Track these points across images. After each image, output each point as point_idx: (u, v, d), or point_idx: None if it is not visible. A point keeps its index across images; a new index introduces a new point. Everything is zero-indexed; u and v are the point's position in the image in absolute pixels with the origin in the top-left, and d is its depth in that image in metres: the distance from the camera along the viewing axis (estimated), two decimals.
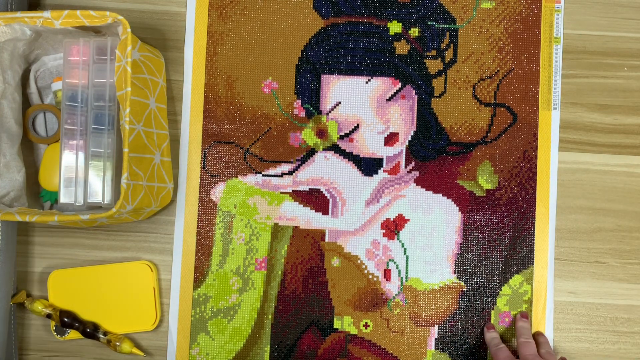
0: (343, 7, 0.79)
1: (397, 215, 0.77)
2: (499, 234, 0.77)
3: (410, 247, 0.77)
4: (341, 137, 0.78)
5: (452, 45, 0.79)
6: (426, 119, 0.78)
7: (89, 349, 0.77)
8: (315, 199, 0.77)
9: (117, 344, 0.74)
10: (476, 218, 0.77)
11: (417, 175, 0.78)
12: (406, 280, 0.77)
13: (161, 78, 0.75)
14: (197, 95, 0.78)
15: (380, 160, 0.78)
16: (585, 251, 0.77)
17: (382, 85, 0.78)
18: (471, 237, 0.77)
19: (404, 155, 0.78)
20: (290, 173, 0.78)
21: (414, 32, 0.79)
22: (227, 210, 0.77)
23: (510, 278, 0.77)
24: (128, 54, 0.65)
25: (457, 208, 0.77)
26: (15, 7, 0.73)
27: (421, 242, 0.77)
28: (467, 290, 0.77)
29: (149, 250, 0.78)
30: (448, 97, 0.78)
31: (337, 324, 0.77)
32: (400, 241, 0.77)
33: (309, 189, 0.78)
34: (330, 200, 0.77)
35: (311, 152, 0.78)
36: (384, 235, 0.77)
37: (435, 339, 0.76)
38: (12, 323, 0.75)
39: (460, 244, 0.77)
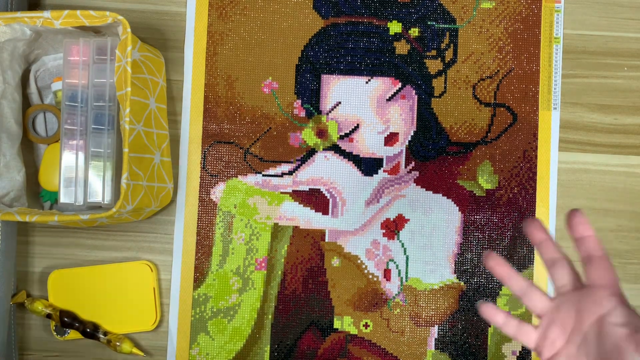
0: (343, 7, 0.79)
1: (397, 215, 0.77)
2: (499, 234, 0.77)
3: (410, 247, 0.77)
4: (341, 137, 0.78)
5: (452, 45, 0.79)
6: (426, 119, 0.78)
7: (89, 349, 0.77)
8: (315, 199, 0.77)
9: (117, 344, 0.74)
10: (476, 218, 0.77)
11: (417, 175, 0.78)
12: (406, 280, 0.77)
13: (161, 78, 0.75)
14: (197, 95, 0.78)
15: (380, 160, 0.78)
16: None
17: (382, 85, 0.78)
18: (471, 237, 0.77)
19: (404, 155, 0.78)
20: (290, 173, 0.78)
21: (414, 32, 0.79)
22: (227, 210, 0.77)
23: None
24: (128, 54, 0.65)
25: (457, 208, 0.77)
26: (15, 7, 0.73)
27: (421, 242, 0.77)
28: (467, 290, 0.77)
29: (149, 250, 0.78)
30: (448, 97, 0.78)
31: (337, 324, 0.77)
32: (400, 241, 0.77)
33: (309, 189, 0.78)
34: (330, 200, 0.77)
35: (311, 152, 0.78)
36: (384, 235, 0.77)
37: (435, 339, 0.76)
38: (12, 323, 0.75)
39: (460, 244, 0.77)
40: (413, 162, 0.78)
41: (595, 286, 0.49)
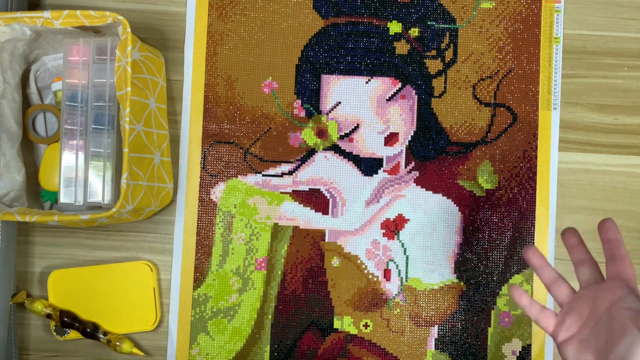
0: (343, 7, 0.79)
1: (397, 215, 0.77)
2: (499, 234, 0.77)
3: (410, 247, 0.77)
4: (341, 137, 0.78)
5: (452, 45, 0.79)
6: (426, 119, 0.78)
7: (89, 349, 0.77)
8: (315, 199, 0.77)
9: (117, 344, 0.74)
10: (476, 218, 0.77)
11: (417, 175, 0.78)
12: (406, 280, 0.77)
13: (161, 78, 0.75)
14: (197, 95, 0.78)
15: (380, 160, 0.78)
16: None
17: (382, 85, 0.78)
18: (471, 237, 0.77)
19: (404, 155, 0.78)
20: (290, 173, 0.78)
21: (414, 32, 0.79)
22: (227, 210, 0.77)
23: (510, 278, 0.77)
24: (128, 54, 0.65)
25: (457, 208, 0.77)
26: (15, 7, 0.73)
27: (421, 242, 0.77)
28: (467, 290, 0.77)
29: (149, 250, 0.78)
30: (448, 97, 0.78)
31: (337, 324, 0.77)
32: (400, 241, 0.77)
33: (309, 189, 0.78)
34: (330, 200, 0.77)
35: (311, 152, 0.78)
36: (384, 235, 0.77)
37: (435, 339, 0.76)
38: (12, 323, 0.75)
39: (460, 244, 0.77)
40: (413, 162, 0.78)
41: (613, 279, 0.54)
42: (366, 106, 0.78)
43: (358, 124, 0.78)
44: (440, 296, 0.77)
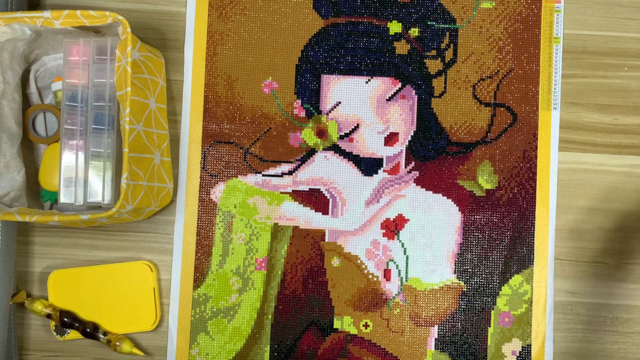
0: (343, 7, 0.79)
1: (397, 215, 0.77)
2: (499, 234, 0.77)
3: (410, 247, 0.77)
4: (341, 137, 0.78)
5: (452, 45, 0.79)
6: (426, 119, 0.78)
7: (89, 349, 0.77)
8: (315, 199, 0.78)
9: (117, 344, 0.74)
10: (476, 218, 0.77)
11: (417, 175, 0.78)
12: (406, 280, 0.77)
13: (161, 78, 0.75)
14: (197, 95, 0.78)
15: (380, 160, 0.78)
16: (585, 251, 0.77)
17: (382, 85, 0.78)
18: (471, 237, 0.77)
19: (404, 155, 0.78)
20: (290, 173, 0.78)
21: (414, 32, 0.79)
22: (227, 210, 0.77)
23: (510, 278, 0.77)
24: (128, 54, 0.65)
25: (457, 208, 0.77)
26: (15, 7, 0.73)
27: (421, 242, 0.77)
28: (467, 290, 0.77)
29: (149, 250, 0.78)
30: (448, 97, 0.78)
31: (337, 324, 0.77)
32: (400, 241, 0.77)
33: (309, 189, 0.78)
34: (330, 200, 0.78)
35: (311, 152, 0.78)
36: (384, 235, 0.77)
37: (435, 339, 0.76)
38: (12, 323, 0.75)
39: (460, 244, 0.77)
40: (413, 162, 0.78)
41: None
42: (366, 106, 0.78)
43: (358, 124, 0.78)
44: (440, 296, 0.77)
